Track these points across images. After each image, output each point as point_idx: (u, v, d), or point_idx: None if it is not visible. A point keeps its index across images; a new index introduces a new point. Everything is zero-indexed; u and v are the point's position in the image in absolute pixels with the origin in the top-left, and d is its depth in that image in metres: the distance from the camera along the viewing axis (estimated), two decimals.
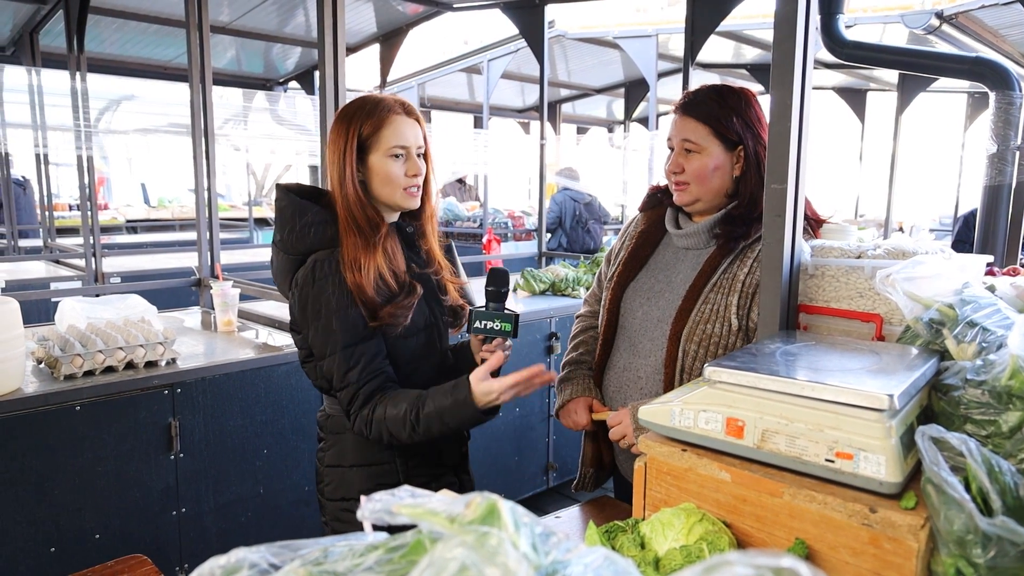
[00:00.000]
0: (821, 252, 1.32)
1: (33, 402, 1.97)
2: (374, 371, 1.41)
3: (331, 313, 1.39)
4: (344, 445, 1.52)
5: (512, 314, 1.43)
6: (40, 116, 4.14)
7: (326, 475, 1.56)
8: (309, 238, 1.43)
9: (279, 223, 1.46)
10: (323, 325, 1.39)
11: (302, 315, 1.43)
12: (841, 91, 7.94)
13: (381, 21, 5.26)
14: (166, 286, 3.51)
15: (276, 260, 1.50)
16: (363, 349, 1.40)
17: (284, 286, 1.50)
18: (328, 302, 1.39)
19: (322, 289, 1.39)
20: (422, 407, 1.36)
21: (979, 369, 0.90)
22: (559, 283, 3.78)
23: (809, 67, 1.23)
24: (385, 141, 1.43)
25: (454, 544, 0.48)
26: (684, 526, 0.87)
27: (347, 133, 1.43)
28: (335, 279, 1.39)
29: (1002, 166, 2.59)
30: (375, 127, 1.43)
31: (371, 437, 1.41)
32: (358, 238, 1.41)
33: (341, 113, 1.48)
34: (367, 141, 1.43)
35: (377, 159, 1.44)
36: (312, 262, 1.41)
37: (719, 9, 3.77)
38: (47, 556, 2.02)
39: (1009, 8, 4.10)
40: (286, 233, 1.44)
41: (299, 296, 1.42)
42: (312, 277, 1.40)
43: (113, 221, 8.54)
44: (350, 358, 1.39)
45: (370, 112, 1.43)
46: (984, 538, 0.69)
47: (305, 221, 1.43)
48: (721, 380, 0.97)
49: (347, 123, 1.44)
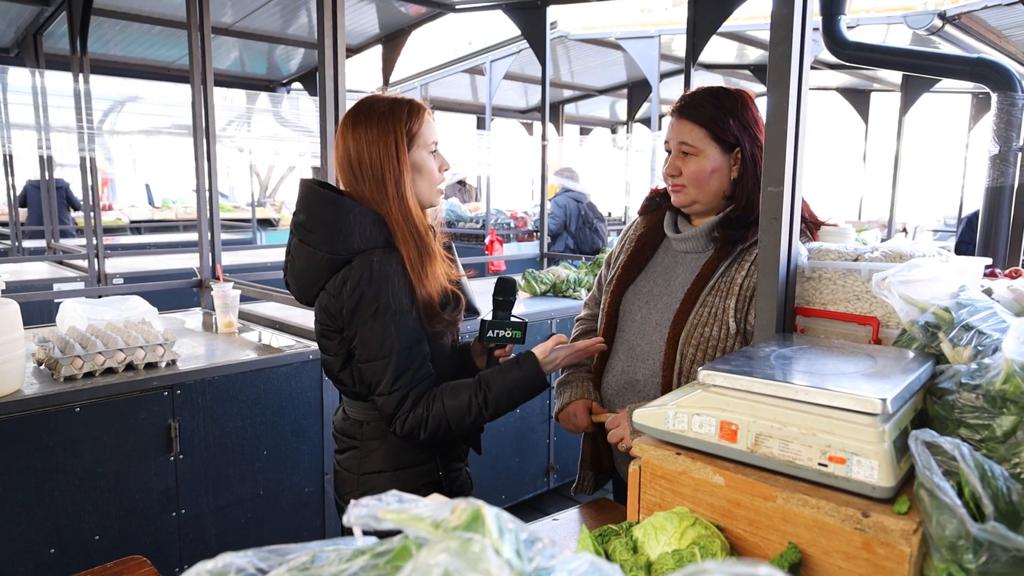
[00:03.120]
0: (818, 255, 1.31)
1: (33, 403, 1.98)
2: (425, 374, 1.41)
3: (390, 315, 1.35)
4: (384, 450, 1.49)
5: (522, 322, 1.51)
6: (44, 117, 4.16)
7: (360, 483, 1.51)
8: (356, 238, 1.36)
9: (313, 220, 1.38)
10: (380, 327, 1.35)
11: (352, 315, 1.37)
12: (845, 92, 7.93)
13: (383, 22, 5.27)
14: (168, 287, 3.51)
15: (304, 261, 1.41)
16: (416, 351, 1.39)
17: (310, 289, 1.43)
18: (387, 304, 1.35)
19: (381, 290, 1.35)
20: (488, 389, 1.40)
21: (974, 373, 0.89)
22: (560, 284, 3.77)
23: (806, 69, 1.22)
24: (427, 138, 1.43)
25: (438, 550, 0.48)
26: (677, 530, 0.87)
27: (394, 132, 1.39)
28: (395, 281, 1.36)
29: (1004, 167, 2.58)
30: (419, 125, 1.42)
31: (424, 434, 1.39)
32: (418, 243, 1.39)
33: (370, 113, 1.41)
34: (412, 139, 1.41)
35: (421, 156, 1.43)
36: (368, 262, 1.35)
37: (721, 10, 3.77)
38: (47, 557, 2.03)
39: (1013, 9, 4.08)
40: (327, 232, 1.37)
41: (350, 296, 1.35)
42: (370, 277, 1.34)
43: (117, 222, 8.58)
44: (404, 362, 1.37)
45: (410, 110, 1.41)
46: (976, 544, 0.69)
47: (351, 220, 1.36)
48: (715, 383, 0.96)
49: (389, 122, 1.39)
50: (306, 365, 2.55)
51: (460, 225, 7.77)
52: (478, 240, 6.95)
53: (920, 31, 4.47)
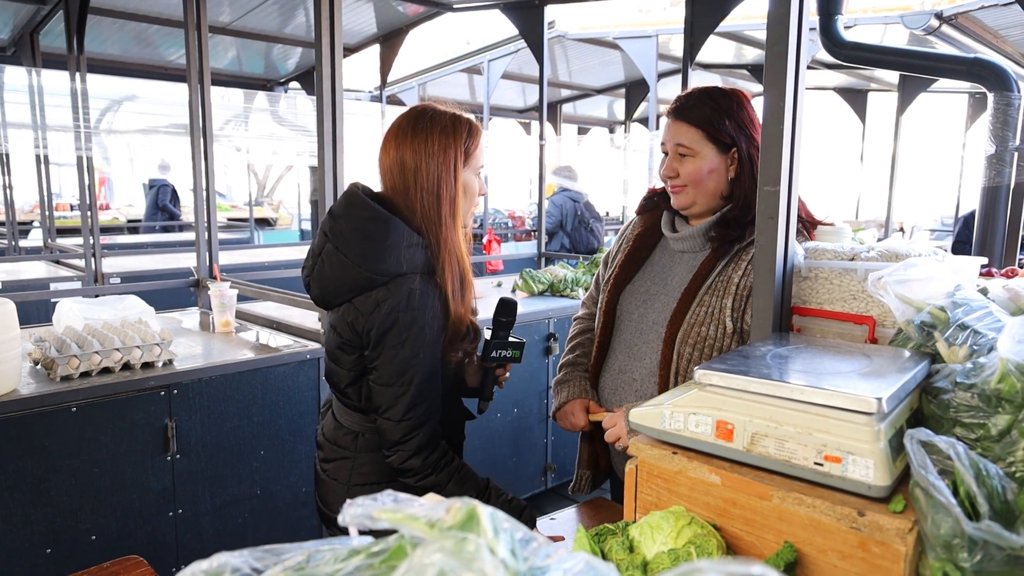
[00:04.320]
0: (814, 254, 1.32)
1: (29, 403, 1.98)
2: (436, 410, 1.39)
3: (420, 345, 1.33)
4: (378, 464, 1.46)
5: (521, 342, 1.56)
6: (40, 116, 4.15)
7: (351, 494, 1.47)
8: (400, 261, 1.32)
9: (359, 235, 1.33)
10: (406, 354, 1.33)
11: (380, 338, 1.33)
12: (842, 91, 7.94)
13: (381, 21, 5.26)
14: (165, 287, 3.51)
15: (336, 270, 1.36)
16: (431, 385, 1.37)
17: (336, 298, 1.38)
18: (420, 333, 1.32)
19: (416, 318, 1.32)
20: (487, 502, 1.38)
21: (969, 372, 0.90)
22: (557, 284, 3.77)
23: (802, 69, 1.22)
24: (478, 160, 1.41)
25: (433, 549, 0.48)
26: (673, 529, 0.87)
27: (455, 149, 1.35)
28: (432, 311, 1.34)
29: (1000, 167, 2.59)
30: (476, 145, 1.40)
31: (416, 482, 1.38)
32: (461, 268, 1.37)
33: (432, 124, 1.37)
34: (467, 159, 1.39)
35: (469, 177, 1.41)
36: (407, 288, 1.31)
37: (718, 10, 3.78)
38: (43, 557, 2.02)
39: (1009, 9, 4.09)
40: (368, 249, 1.32)
41: (384, 319, 1.31)
42: (408, 304, 1.31)
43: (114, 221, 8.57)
44: (420, 394, 1.35)
45: (470, 129, 1.39)
46: (970, 542, 0.69)
47: (397, 241, 1.32)
48: (711, 383, 0.97)
49: (452, 137, 1.36)
50: (303, 365, 2.54)
51: None
52: (476, 240, 6.95)
53: (917, 31, 4.48)
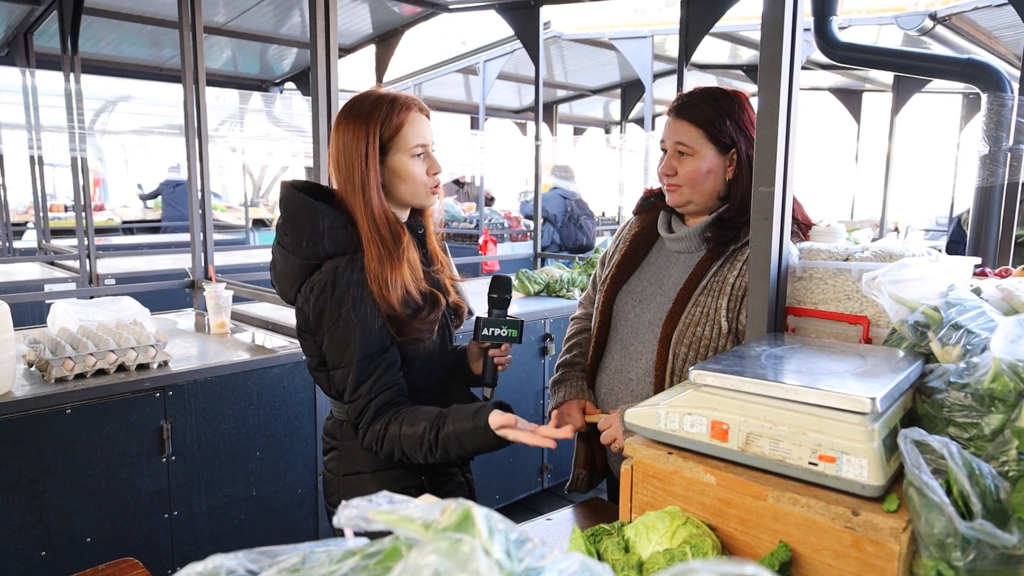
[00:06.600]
0: (809, 255, 1.32)
1: (23, 405, 1.97)
2: (386, 384, 1.37)
3: (351, 323, 1.33)
4: (364, 452, 1.44)
5: (518, 321, 1.46)
6: (34, 117, 4.13)
7: (341, 485, 1.48)
8: (326, 244, 1.35)
9: (289, 225, 1.38)
10: (340, 335, 1.34)
11: (317, 322, 1.37)
12: (837, 92, 7.96)
13: (377, 22, 5.26)
14: (160, 288, 3.50)
15: (282, 263, 1.42)
16: (378, 361, 1.36)
17: (289, 291, 1.43)
18: (348, 312, 1.33)
19: (343, 298, 1.33)
20: (442, 426, 1.32)
21: (962, 372, 0.90)
22: (554, 284, 3.77)
23: (796, 70, 1.23)
24: (408, 141, 1.38)
25: (428, 551, 0.48)
26: (668, 529, 0.87)
27: (366, 134, 1.35)
28: (358, 288, 1.34)
29: (994, 167, 2.60)
30: (397, 127, 1.37)
31: (382, 453, 1.36)
32: (382, 249, 1.36)
33: (352, 112, 1.39)
34: (389, 142, 1.38)
35: (400, 160, 1.39)
36: (332, 269, 1.35)
37: (713, 10, 3.78)
38: (38, 560, 2.02)
39: (1002, 9, 4.11)
40: (298, 236, 1.36)
41: (315, 303, 1.35)
42: (332, 284, 1.34)
43: (109, 222, 8.53)
44: (363, 371, 1.34)
45: (389, 111, 1.37)
46: (963, 541, 0.69)
47: (322, 225, 1.35)
48: (706, 383, 0.97)
49: (364, 123, 1.36)
50: (299, 366, 2.54)
51: (454, 225, 7.76)
52: (472, 240, 6.94)
53: (911, 32, 4.50)
